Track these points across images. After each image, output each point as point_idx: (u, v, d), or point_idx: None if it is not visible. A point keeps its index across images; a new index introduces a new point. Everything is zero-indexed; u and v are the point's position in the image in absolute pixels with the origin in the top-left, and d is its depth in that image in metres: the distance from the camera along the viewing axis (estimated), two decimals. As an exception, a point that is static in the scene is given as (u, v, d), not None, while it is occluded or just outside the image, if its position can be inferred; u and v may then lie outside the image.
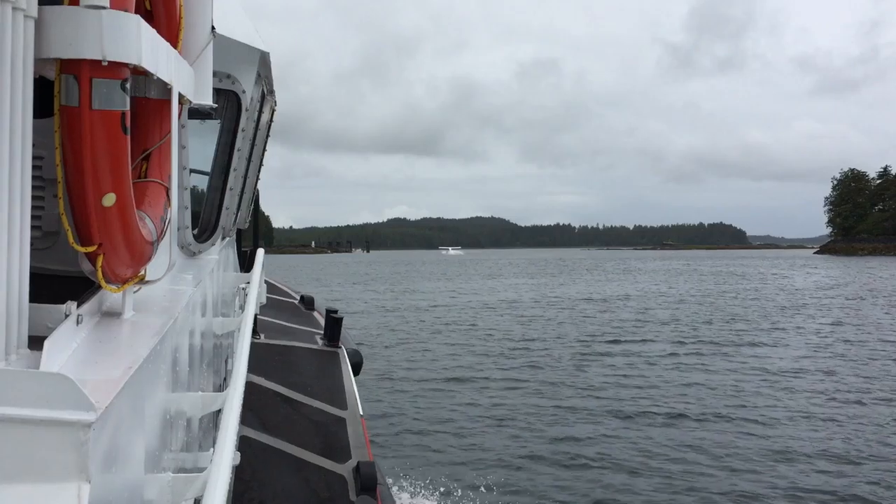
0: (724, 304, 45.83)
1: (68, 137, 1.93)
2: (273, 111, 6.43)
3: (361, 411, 7.77)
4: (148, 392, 2.05)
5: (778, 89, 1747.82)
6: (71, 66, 1.88)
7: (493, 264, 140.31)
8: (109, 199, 1.99)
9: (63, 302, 2.02)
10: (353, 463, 6.19)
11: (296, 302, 13.73)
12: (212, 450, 3.11)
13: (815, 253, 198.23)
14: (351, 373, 9.07)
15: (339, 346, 9.90)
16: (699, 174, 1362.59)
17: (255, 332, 8.19)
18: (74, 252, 2.08)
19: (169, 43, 2.52)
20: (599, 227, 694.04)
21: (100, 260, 2.07)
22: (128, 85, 1.97)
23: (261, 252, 6.33)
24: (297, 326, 11.14)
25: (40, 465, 1.34)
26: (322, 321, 11.24)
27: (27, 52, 1.74)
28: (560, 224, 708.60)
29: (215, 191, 5.18)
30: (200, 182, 5.20)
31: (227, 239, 5.77)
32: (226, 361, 5.47)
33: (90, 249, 2.04)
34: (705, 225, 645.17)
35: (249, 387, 3.12)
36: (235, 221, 5.64)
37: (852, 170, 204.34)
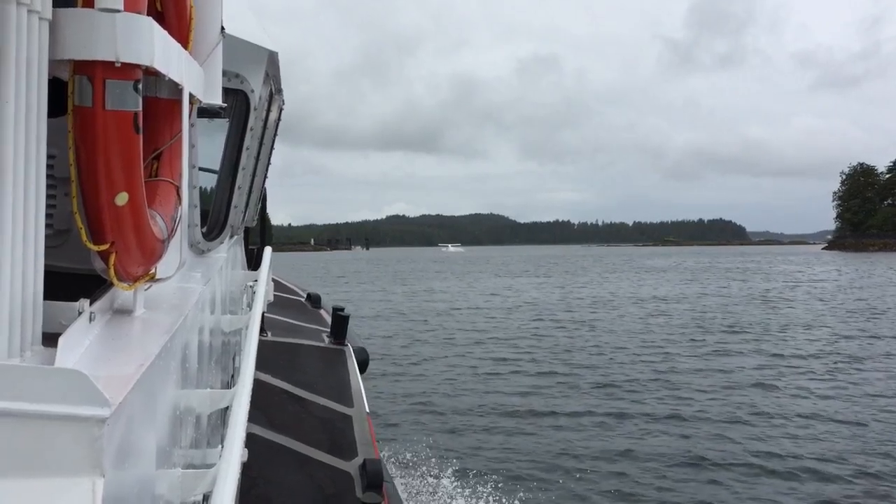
0: (787, 308, 40.38)
1: (82, 137, 1.96)
2: (281, 110, 6.46)
3: (368, 409, 7.80)
4: (159, 389, 2.08)
5: (778, 85, 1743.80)
6: (85, 68, 1.91)
7: (498, 262, 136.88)
8: (122, 199, 2.02)
9: (73, 299, 2.05)
10: (359, 460, 6.21)
11: (302, 300, 13.78)
12: (220, 446, 3.15)
13: (824, 249, 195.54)
14: (357, 370, 9.10)
15: (346, 344, 9.94)
16: (698, 171, 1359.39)
17: (262, 330, 8.23)
18: (85, 250, 2.11)
19: (180, 43, 2.55)
20: (599, 223, 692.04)
21: (112, 258, 2.09)
22: (140, 86, 2.00)
23: (268, 250, 6.37)
24: (304, 324, 11.17)
25: (55, 460, 1.36)
26: (328, 319, 11.28)
27: (42, 53, 1.77)
28: (559, 221, 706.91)
29: (224, 189, 5.21)
30: (209, 180, 5.24)
31: (236, 237, 5.81)
32: (233, 359, 5.51)
33: (103, 248, 2.06)
34: (705, 221, 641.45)
35: (256, 384, 3.14)
36: (244, 220, 5.67)
37: (861, 164, 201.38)
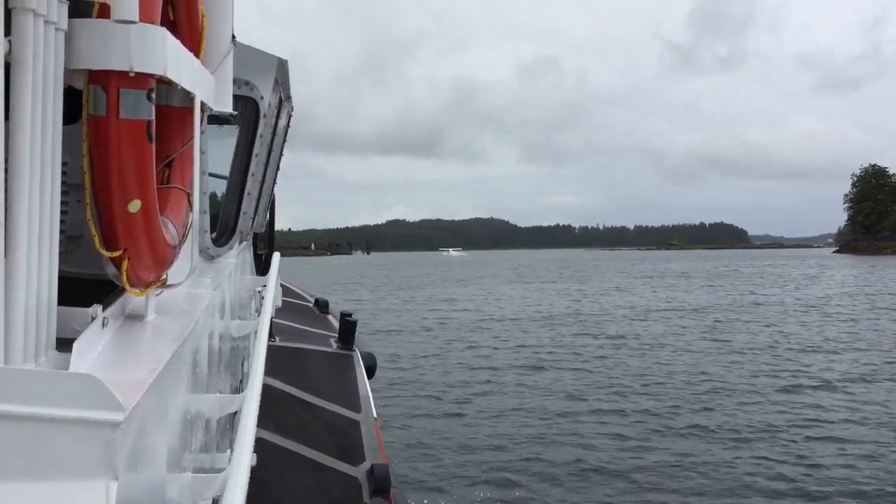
0: (850, 319, 35.77)
1: (96, 146, 2.00)
2: (290, 117, 6.51)
3: (375, 414, 7.81)
4: (171, 393, 2.10)
5: (779, 87, 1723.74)
6: (99, 77, 1.95)
7: (504, 266, 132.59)
8: (135, 206, 2.05)
9: (86, 305, 2.08)
10: (366, 465, 6.22)
11: (310, 305, 13.81)
12: (229, 451, 3.17)
13: (835, 252, 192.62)
14: (365, 375, 9.12)
15: (354, 350, 9.96)
16: (699, 173, 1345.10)
17: (270, 335, 8.26)
18: (96, 255, 2.14)
19: (192, 52, 2.59)
20: (600, 227, 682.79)
21: (125, 264, 2.12)
22: (153, 95, 2.03)
23: (277, 256, 6.41)
24: (312, 329, 11.20)
25: (70, 463, 1.38)
26: (336, 324, 11.31)
27: (57, 63, 1.81)
28: (560, 225, 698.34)
29: (233, 195, 5.26)
30: (219, 186, 5.29)
31: (245, 243, 5.85)
32: (242, 364, 5.54)
33: (116, 254, 2.10)
34: (706, 224, 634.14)
35: (264, 389, 3.16)
36: (253, 225, 5.71)
37: (873, 165, 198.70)
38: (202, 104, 2.85)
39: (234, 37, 3.41)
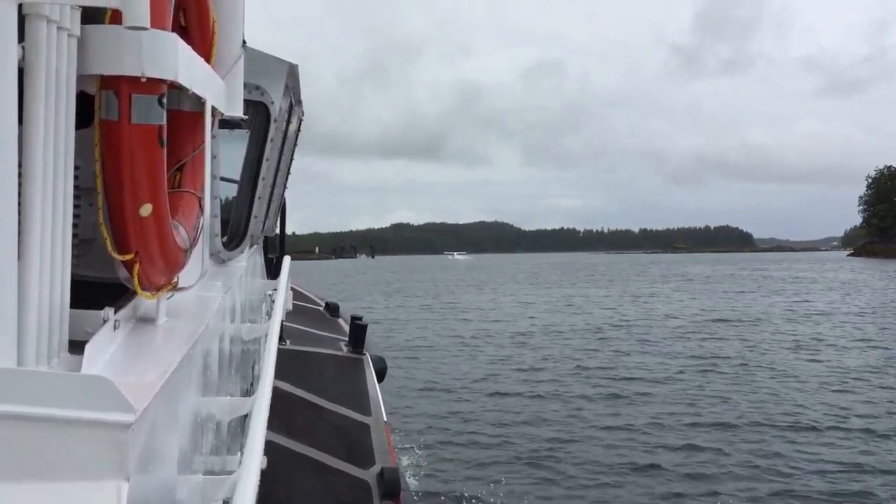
0: None
1: (108, 150, 2.02)
2: (300, 121, 6.54)
3: (385, 418, 7.82)
4: (181, 395, 2.12)
5: (783, 90, 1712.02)
6: (111, 83, 1.97)
7: (513, 270, 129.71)
8: (146, 210, 2.07)
9: (98, 307, 2.10)
10: (376, 469, 6.23)
11: (321, 308, 13.84)
12: (239, 453, 3.19)
13: (849, 255, 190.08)
14: (375, 379, 9.13)
15: (364, 353, 9.97)
16: (703, 176, 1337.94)
17: (280, 338, 8.29)
18: (108, 259, 2.16)
19: (203, 57, 2.61)
20: (604, 230, 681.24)
21: (136, 268, 2.14)
22: (164, 100, 2.05)
23: (287, 259, 6.43)
24: (322, 333, 11.22)
25: (82, 464, 1.39)
26: (347, 328, 11.33)
27: (70, 68, 1.83)
28: (565, 228, 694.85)
29: (244, 199, 5.29)
30: (229, 190, 5.32)
31: (255, 246, 5.87)
32: (253, 367, 5.56)
33: (127, 258, 2.12)
34: (711, 228, 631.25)
35: (275, 392, 3.18)
36: (263, 229, 5.74)
37: (888, 167, 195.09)
38: (213, 109, 2.87)
39: (244, 42, 3.43)
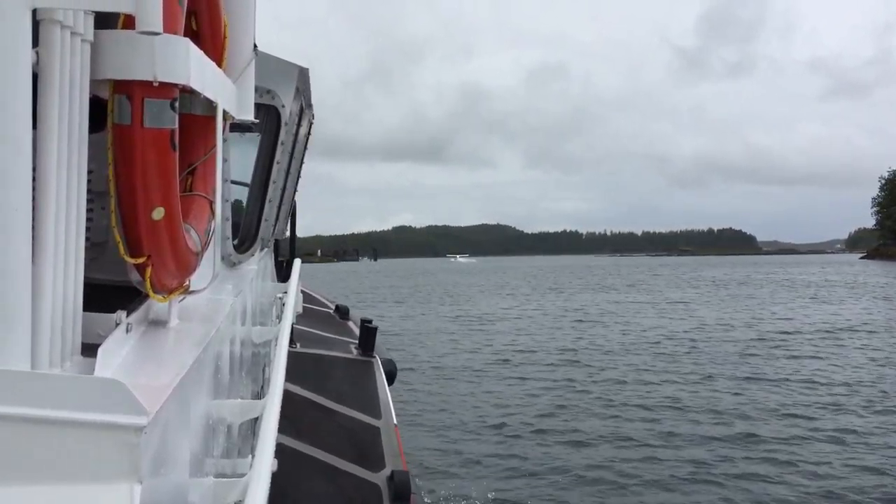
0: None
1: (120, 154, 2.03)
2: (311, 124, 6.56)
3: (395, 420, 7.82)
4: (193, 398, 2.13)
5: (788, 92, 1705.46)
6: (124, 87, 1.98)
7: (521, 274, 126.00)
8: (159, 213, 2.08)
9: (110, 310, 2.11)
10: (387, 472, 6.23)
11: (331, 311, 13.86)
12: (250, 456, 3.19)
13: (862, 258, 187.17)
14: (385, 382, 9.13)
15: (374, 356, 9.98)
16: (706, 178, 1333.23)
17: (291, 341, 8.30)
18: (120, 262, 2.17)
19: (214, 61, 2.62)
20: (607, 233, 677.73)
21: (148, 271, 2.15)
22: (176, 104, 2.06)
23: (298, 262, 6.45)
24: (332, 336, 11.24)
25: (95, 466, 1.40)
26: (357, 331, 11.34)
27: (83, 73, 1.84)
28: (567, 231, 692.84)
29: (255, 202, 5.31)
30: (240, 194, 5.34)
31: (266, 249, 5.89)
32: (263, 369, 5.57)
33: (140, 261, 2.13)
34: (714, 230, 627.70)
35: (285, 395, 3.20)
36: (274, 232, 5.75)
37: None
38: (224, 112, 2.89)
39: (255, 46, 3.44)
